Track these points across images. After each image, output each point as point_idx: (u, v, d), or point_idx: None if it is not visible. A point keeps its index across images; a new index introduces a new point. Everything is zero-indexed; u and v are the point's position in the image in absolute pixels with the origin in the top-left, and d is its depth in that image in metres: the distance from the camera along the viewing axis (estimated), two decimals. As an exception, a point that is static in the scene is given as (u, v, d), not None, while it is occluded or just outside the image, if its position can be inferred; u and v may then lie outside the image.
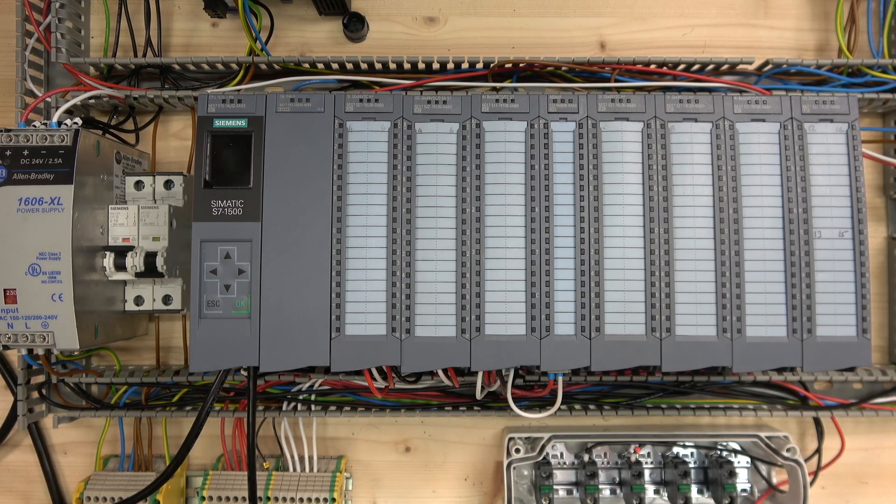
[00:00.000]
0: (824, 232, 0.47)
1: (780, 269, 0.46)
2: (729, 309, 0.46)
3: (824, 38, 0.58)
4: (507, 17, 0.59)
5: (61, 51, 0.53)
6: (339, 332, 0.46)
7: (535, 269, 0.46)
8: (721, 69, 0.54)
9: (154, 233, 0.50)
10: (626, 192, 0.47)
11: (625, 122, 0.47)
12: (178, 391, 0.54)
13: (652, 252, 0.46)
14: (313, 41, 0.59)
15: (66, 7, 0.53)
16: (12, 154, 0.45)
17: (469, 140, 0.47)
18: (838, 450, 0.55)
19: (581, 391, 0.54)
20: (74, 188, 0.45)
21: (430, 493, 0.58)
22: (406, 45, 0.59)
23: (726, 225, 0.47)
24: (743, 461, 0.55)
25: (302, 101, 0.47)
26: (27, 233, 0.45)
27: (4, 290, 0.45)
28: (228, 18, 0.58)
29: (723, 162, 0.47)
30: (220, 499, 0.52)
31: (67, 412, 0.54)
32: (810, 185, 0.47)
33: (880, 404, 0.53)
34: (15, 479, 0.58)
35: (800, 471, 0.51)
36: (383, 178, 0.47)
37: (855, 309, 0.46)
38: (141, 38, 0.56)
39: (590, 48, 0.59)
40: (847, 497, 0.58)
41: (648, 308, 0.46)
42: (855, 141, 0.47)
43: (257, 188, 0.46)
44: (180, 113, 0.58)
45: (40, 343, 0.45)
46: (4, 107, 0.58)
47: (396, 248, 0.46)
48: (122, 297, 0.52)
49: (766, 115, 0.47)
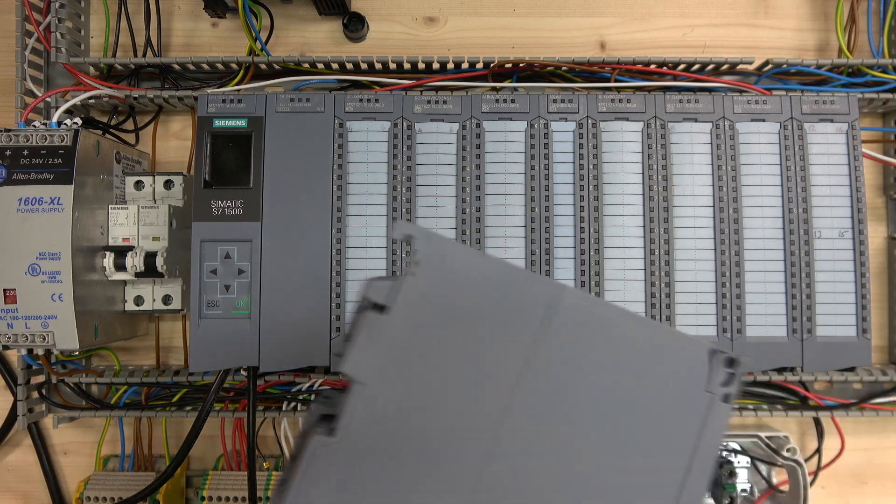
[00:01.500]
0: (824, 232, 0.47)
1: (780, 269, 0.46)
2: (729, 309, 0.46)
3: (824, 38, 0.58)
4: (507, 17, 0.59)
5: (61, 51, 0.53)
6: (339, 332, 0.46)
7: (535, 269, 0.46)
8: (721, 69, 0.54)
9: (154, 233, 0.50)
10: (626, 192, 0.47)
11: (625, 122, 0.47)
12: (178, 391, 0.54)
13: (652, 252, 0.46)
14: (313, 41, 0.59)
15: (66, 7, 0.53)
16: (12, 154, 0.45)
17: (469, 140, 0.47)
18: (838, 450, 0.55)
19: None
20: (74, 188, 0.45)
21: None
22: (406, 45, 0.59)
23: (726, 225, 0.47)
24: (743, 461, 0.55)
25: (302, 101, 0.47)
26: (27, 233, 0.45)
27: (4, 290, 0.45)
28: (228, 18, 0.58)
29: (723, 162, 0.47)
30: (220, 499, 0.52)
31: (67, 412, 0.54)
32: (810, 185, 0.47)
33: (880, 404, 0.53)
34: (15, 479, 0.58)
35: (800, 471, 0.51)
36: (383, 178, 0.47)
37: (855, 309, 0.46)
38: (141, 38, 0.56)
39: (590, 48, 0.59)
40: (847, 497, 0.58)
41: (648, 308, 0.46)
42: (855, 141, 0.47)
43: (257, 188, 0.46)
44: (180, 113, 0.58)
45: (40, 343, 0.45)
46: (4, 107, 0.58)
47: (396, 248, 0.46)
48: (122, 297, 0.52)
49: (766, 115, 0.47)
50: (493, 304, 0.23)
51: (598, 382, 0.23)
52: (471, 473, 0.22)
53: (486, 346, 0.23)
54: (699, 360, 0.23)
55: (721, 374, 0.23)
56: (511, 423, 0.22)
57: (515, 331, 0.23)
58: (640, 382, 0.23)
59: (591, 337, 0.23)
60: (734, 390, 0.23)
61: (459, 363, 0.23)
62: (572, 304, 0.23)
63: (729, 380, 0.23)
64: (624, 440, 0.23)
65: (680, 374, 0.23)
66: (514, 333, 0.23)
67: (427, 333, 0.22)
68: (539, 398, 0.23)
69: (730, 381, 0.23)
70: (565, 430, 0.23)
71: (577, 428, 0.23)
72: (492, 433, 0.22)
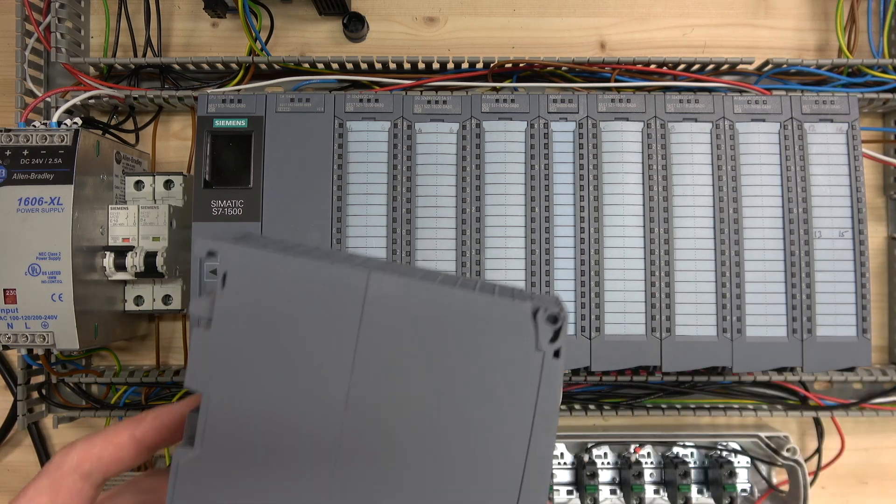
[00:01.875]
0: (824, 232, 0.47)
1: (780, 269, 0.46)
2: (729, 309, 0.46)
3: (824, 38, 0.58)
4: (507, 17, 0.59)
5: (61, 51, 0.53)
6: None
7: (535, 269, 0.46)
8: (721, 69, 0.54)
9: (154, 233, 0.50)
10: (626, 192, 0.47)
11: (625, 122, 0.47)
12: (178, 391, 0.54)
13: (652, 252, 0.46)
14: (313, 41, 0.59)
15: (65, 7, 0.53)
16: (12, 154, 0.45)
17: (469, 140, 0.47)
18: (838, 450, 0.55)
19: (581, 391, 0.54)
20: (74, 188, 0.45)
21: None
22: (406, 45, 0.59)
23: (726, 225, 0.47)
24: (743, 461, 0.55)
25: (302, 101, 0.47)
26: (27, 233, 0.45)
27: (4, 290, 0.45)
28: (228, 18, 0.58)
29: (723, 162, 0.47)
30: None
31: (67, 412, 0.54)
32: (810, 185, 0.47)
33: (880, 404, 0.53)
34: (15, 479, 0.58)
35: (800, 471, 0.51)
36: (383, 178, 0.47)
37: (855, 309, 0.46)
38: (141, 38, 0.56)
39: (590, 48, 0.59)
40: (847, 497, 0.58)
41: (648, 308, 0.46)
42: (855, 141, 0.47)
43: (257, 188, 0.46)
44: (180, 113, 0.58)
45: (40, 343, 0.45)
46: (4, 107, 0.58)
47: (396, 248, 0.46)
48: (122, 297, 0.52)
49: (766, 115, 0.47)
50: (312, 303, 0.23)
51: (430, 362, 0.24)
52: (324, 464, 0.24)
53: (314, 344, 0.24)
54: (524, 322, 0.24)
55: (548, 330, 0.24)
56: (353, 412, 0.24)
57: (339, 325, 0.24)
58: (471, 355, 0.24)
59: (409, 322, 0.24)
60: (563, 344, 0.24)
61: (292, 361, 0.24)
62: (378, 294, 0.23)
63: (556, 335, 0.24)
64: (466, 412, 0.24)
65: (508, 340, 0.24)
66: (338, 327, 0.24)
67: (254, 339, 0.23)
68: (375, 385, 0.24)
69: (557, 336, 0.24)
70: (406, 412, 0.24)
71: (418, 409, 0.24)
72: (337, 423, 0.23)
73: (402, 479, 0.24)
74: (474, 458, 0.24)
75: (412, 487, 0.24)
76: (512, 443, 0.24)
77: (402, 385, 0.24)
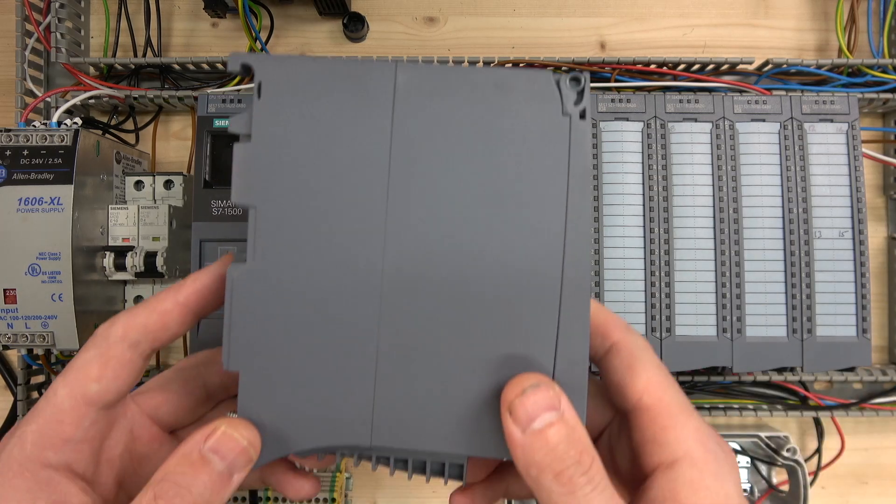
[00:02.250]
0: (824, 232, 0.47)
1: (780, 269, 0.46)
2: (729, 309, 0.46)
3: (824, 38, 0.58)
4: (507, 17, 0.59)
5: (61, 51, 0.53)
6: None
7: (535, 269, 0.46)
8: (721, 69, 0.54)
9: (154, 233, 0.50)
10: (626, 191, 0.47)
11: (625, 122, 0.47)
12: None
13: (652, 252, 0.46)
14: (313, 41, 0.59)
15: (66, 7, 0.53)
16: (12, 154, 0.45)
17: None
18: (838, 450, 0.55)
19: (581, 391, 0.54)
20: (74, 188, 0.45)
21: (430, 493, 0.58)
22: (406, 45, 0.59)
23: (726, 225, 0.47)
24: (743, 461, 0.55)
25: (302, 101, 0.47)
26: (27, 233, 0.45)
27: (4, 290, 0.45)
28: (228, 18, 0.58)
29: (723, 162, 0.47)
30: (220, 499, 0.52)
31: (67, 412, 0.54)
32: (810, 185, 0.47)
33: (880, 404, 0.53)
34: (15, 479, 0.58)
35: (800, 471, 0.51)
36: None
37: (855, 309, 0.46)
38: (141, 38, 0.56)
39: (590, 48, 0.59)
40: (847, 497, 0.58)
41: (648, 308, 0.46)
42: (855, 141, 0.47)
43: (257, 188, 0.46)
44: (180, 113, 0.58)
45: (40, 343, 0.45)
46: (4, 107, 0.58)
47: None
48: (122, 297, 0.52)
49: (766, 115, 0.47)
50: (346, 101, 0.24)
51: (462, 146, 0.25)
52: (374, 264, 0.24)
53: (352, 145, 0.24)
54: (549, 88, 0.25)
55: (572, 94, 0.25)
56: (395, 204, 0.24)
57: (373, 120, 0.24)
58: (500, 133, 0.25)
59: (438, 108, 0.25)
60: (587, 104, 0.25)
61: (332, 165, 0.24)
62: (406, 79, 0.24)
63: (580, 96, 0.25)
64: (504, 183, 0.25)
65: (536, 109, 0.25)
66: (372, 123, 0.24)
67: (294, 146, 0.24)
68: (415, 174, 0.24)
69: (581, 97, 0.25)
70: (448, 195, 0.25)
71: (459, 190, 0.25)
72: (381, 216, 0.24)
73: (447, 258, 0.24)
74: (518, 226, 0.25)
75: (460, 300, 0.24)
76: (551, 211, 0.25)
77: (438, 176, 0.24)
